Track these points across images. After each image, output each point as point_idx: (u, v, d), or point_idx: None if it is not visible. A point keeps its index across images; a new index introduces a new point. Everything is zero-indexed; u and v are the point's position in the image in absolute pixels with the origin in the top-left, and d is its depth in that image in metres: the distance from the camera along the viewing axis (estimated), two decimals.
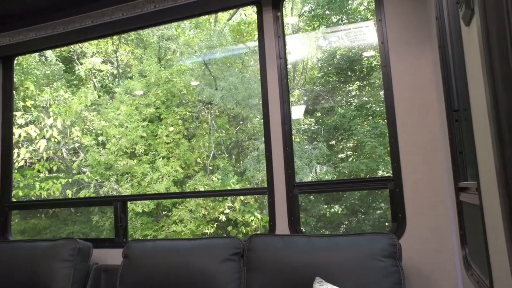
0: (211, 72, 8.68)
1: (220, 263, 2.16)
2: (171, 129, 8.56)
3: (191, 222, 7.86)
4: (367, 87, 8.22)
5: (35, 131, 8.28)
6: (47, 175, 8.70)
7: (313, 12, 8.53)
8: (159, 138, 8.51)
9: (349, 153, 8.34)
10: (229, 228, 8.03)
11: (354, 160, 8.02)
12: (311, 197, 7.97)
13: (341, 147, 8.39)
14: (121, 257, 2.47)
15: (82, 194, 8.48)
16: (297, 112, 8.30)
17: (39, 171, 8.49)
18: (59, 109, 8.73)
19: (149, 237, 7.81)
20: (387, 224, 7.25)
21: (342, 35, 8.20)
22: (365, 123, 7.95)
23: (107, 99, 9.35)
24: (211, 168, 8.53)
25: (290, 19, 8.47)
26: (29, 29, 3.04)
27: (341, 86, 8.35)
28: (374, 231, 2.48)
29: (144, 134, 8.52)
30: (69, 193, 8.43)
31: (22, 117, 8.32)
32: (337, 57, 8.21)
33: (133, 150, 8.55)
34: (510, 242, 0.80)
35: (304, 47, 8.55)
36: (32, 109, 8.69)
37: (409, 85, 2.21)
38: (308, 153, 7.91)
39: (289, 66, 8.18)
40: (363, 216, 7.85)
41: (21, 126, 8.19)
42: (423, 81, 2.17)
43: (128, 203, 3.10)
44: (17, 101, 8.38)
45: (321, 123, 8.29)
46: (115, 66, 9.80)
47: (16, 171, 8.12)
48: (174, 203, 8.15)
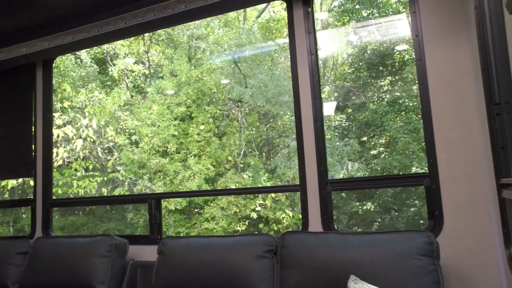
0: (240, 70, 8.70)
1: (254, 260, 2.17)
2: (202, 127, 8.65)
3: (222, 219, 7.93)
4: (399, 82, 8.03)
5: (72, 131, 8.56)
6: (83, 173, 8.99)
7: (342, 7, 8.41)
8: (191, 136, 8.61)
9: (381, 149, 8.19)
10: (261, 226, 8.05)
11: (387, 156, 7.86)
12: (343, 194, 7.88)
13: (373, 143, 8.24)
14: (156, 253, 2.51)
15: (116, 192, 8.71)
16: (328, 108, 8.22)
17: (76, 169, 8.79)
18: (94, 109, 8.99)
19: (181, 234, 7.93)
20: (421, 222, 7.07)
21: (373, 30, 8.04)
22: (398, 118, 7.78)
23: (139, 99, 9.55)
24: (241, 166, 8.57)
25: (319, 14, 8.38)
26: (66, 32, 3.15)
27: (372, 82, 8.20)
28: (409, 229, 2.42)
29: (176, 133, 8.65)
30: (104, 191, 8.68)
31: (60, 118, 8.62)
32: (368, 52, 8.06)
33: (165, 149, 8.70)
34: None
35: (334, 42, 8.44)
36: (69, 110, 8.99)
37: (445, 78, 2.14)
38: (339, 150, 7.81)
39: (319, 62, 8.09)
40: (396, 214, 7.69)
41: (59, 127, 8.48)
42: (460, 74, 2.10)
43: (162, 201, 3.15)
44: (55, 103, 8.69)
45: (352, 119, 8.17)
46: (147, 67, 9.99)
47: (55, 170, 8.42)
48: (206, 200, 8.24)
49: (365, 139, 8.21)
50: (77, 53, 9.30)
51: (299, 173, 2.52)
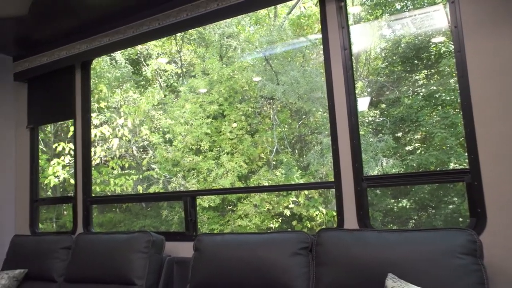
0: (272, 67, 8.69)
1: (289, 257, 2.16)
2: (235, 125, 8.70)
3: (255, 216, 7.95)
4: (435, 76, 7.79)
5: (108, 131, 8.80)
6: (120, 172, 9.23)
7: (375, 0, 8.23)
8: (223, 134, 8.68)
9: (417, 145, 7.98)
10: (294, 223, 8.03)
11: (423, 152, 7.65)
12: (377, 191, 7.74)
13: (408, 139, 8.04)
14: (191, 250, 2.55)
15: (151, 190, 8.90)
16: (361, 104, 8.08)
17: (113, 168, 9.03)
18: (129, 109, 9.21)
19: (215, 231, 8.02)
20: (461, 219, 6.84)
21: (407, 22, 7.83)
22: (434, 113, 7.55)
23: (173, 98, 9.71)
24: (274, 163, 8.57)
25: (351, 8, 8.24)
26: (103, 34, 3.24)
27: (407, 76, 7.99)
28: (449, 226, 2.35)
29: (209, 131, 8.74)
30: (140, 189, 8.88)
31: (97, 118, 8.88)
32: (402, 45, 7.86)
33: (198, 147, 8.81)
34: None
35: (366, 37, 8.29)
36: (105, 110, 9.25)
37: (487, 70, 2.05)
38: (373, 146, 7.67)
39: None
40: (433, 211, 7.48)
41: (96, 127, 8.74)
42: (504, 65, 2.01)
43: (196, 198, 3.19)
44: (92, 103, 8.97)
45: (386, 114, 7.99)
46: (179, 66, 10.14)
47: (93, 168, 8.69)
48: (239, 198, 8.29)
49: (399, 134, 8.03)
50: (112, 54, 9.55)
51: (333, 169, 2.50)
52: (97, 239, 2.88)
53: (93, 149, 8.60)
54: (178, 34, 9.60)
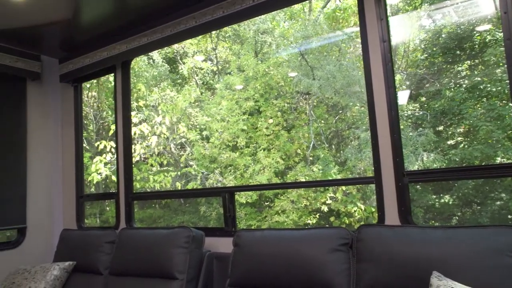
0: (307, 62, 8.61)
1: (329, 253, 2.14)
2: (271, 121, 8.71)
3: (293, 212, 7.93)
4: (479, 66, 7.46)
5: (147, 129, 9.02)
6: (158, 168, 9.45)
7: None
8: (259, 130, 8.71)
9: (459, 139, 7.68)
10: (331, 219, 7.95)
11: (466, 146, 7.36)
12: (417, 186, 7.53)
13: (450, 132, 7.76)
14: (231, 245, 2.57)
15: (189, 186, 9.06)
16: (400, 97, 7.87)
17: (151, 165, 9.26)
18: (167, 107, 9.40)
19: (253, 227, 8.06)
20: (510, 216, 6.54)
21: (449, 11, 7.53)
22: (478, 105, 7.24)
23: (209, 95, 9.83)
24: (311, 158, 8.51)
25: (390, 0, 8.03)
26: (142, 34, 3.32)
27: (448, 67, 7.70)
28: (497, 224, 2.24)
29: (245, 127, 8.79)
30: (178, 185, 9.06)
31: (136, 116, 9.13)
32: (443, 35, 7.57)
33: (235, 143, 8.88)
34: None
35: (404, 29, 8.05)
36: (144, 108, 9.49)
37: None
38: (412, 140, 7.46)
39: None
40: (479, 208, 7.19)
41: (135, 125, 8.99)
42: None
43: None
44: (131, 102, 9.21)
45: (427, 108, 7.74)
46: (215, 63, 10.24)
47: (133, 165, 8.93)
48: (276, 194, 8.30)
49: (441, 128, 7.75)
50: (149, 54, 9.77)
51: (373, 164, 2.44)
52: (139, 234, 2.95)
53: (132, 146, 8.83)
54: (213, 32, 9.69)
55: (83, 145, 4.34)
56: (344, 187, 7.81)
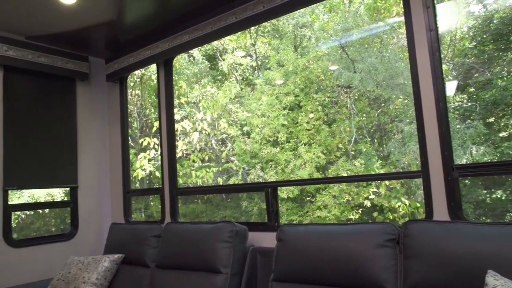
0: (348, 55, 8.45)
1: (375, 248, 2.09)
2: (311, 115, 8.63)
3: (335, 207, 7.84)
4: None
5: (188, 125, 9.19)
6: (200, 164, 9.62)
7: None
8: (300, 125, 8.65)
9: None
10: (375, 214, 7.78)
11: None
12: (466, 181, 7.21)
13: (502, 124, 7.36)
14: (274, 240, 2.57)
15: (231, 182, 9.16)
16: (446, 88, 7.55)
17: (193, 161, 9.44)
18: (207, 103, 9.54)
19: (294, 222, 8.04)
20: None
21: None
22: None
23: (249, 91, 9.87)
24: (353, 153, 8.36)
25: None
26: (183, 32, 3.38)
27: (500, 55, 7.29)
28: None
29: (285, 122, 8.76)
30: (220, 181, 9.18)
31: (178, 113, 9.32)
32: (495, 21, 7.18)
33: (276, 138, 8.87)
34: None
35: (451, 16, 7.71)
36: (185, 105, 9.67)
37: None
38: (460, 133, 7.14)
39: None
40: None
41: (177, 122, 9.18)
42: None
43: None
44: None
45: (476, 98, 7.38)
46: (254, 59, 10.26)
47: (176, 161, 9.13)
48: (317, 188, 8.22)
49: (491, 120, 7.37)
50: (190, 51, 9.93)
51: (420, 158, 2.36)
52: (184, 228, 3.01)
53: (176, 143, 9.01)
54: (252, 28, 9.70)
55: (129, 142, 4.48)
56: (387, 182, 7.61)
